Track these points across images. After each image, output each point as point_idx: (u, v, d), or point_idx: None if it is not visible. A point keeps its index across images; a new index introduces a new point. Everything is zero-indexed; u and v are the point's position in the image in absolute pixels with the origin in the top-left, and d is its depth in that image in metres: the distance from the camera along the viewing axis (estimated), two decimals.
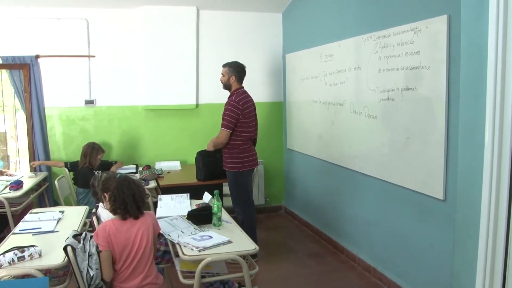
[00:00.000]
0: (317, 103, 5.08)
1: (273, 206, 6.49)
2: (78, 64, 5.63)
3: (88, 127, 5.80)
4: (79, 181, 4.95)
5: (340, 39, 4.50)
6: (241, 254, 2.82)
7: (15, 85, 5.45)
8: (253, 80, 6.06)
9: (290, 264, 4.60)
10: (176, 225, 3.27)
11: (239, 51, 6.00)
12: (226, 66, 4.64)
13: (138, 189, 2.77)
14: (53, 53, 5.51)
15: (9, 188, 4.54)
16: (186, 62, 5.87)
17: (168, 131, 6.06)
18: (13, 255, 2.63)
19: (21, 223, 3.43)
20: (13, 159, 6.18)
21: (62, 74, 5.60)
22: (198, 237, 3.00)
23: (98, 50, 5.67)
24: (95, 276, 2.65)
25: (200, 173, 4.88)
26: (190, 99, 5.98)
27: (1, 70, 5.57)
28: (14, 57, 5.35)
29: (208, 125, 5.92)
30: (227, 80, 4.60)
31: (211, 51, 5.99)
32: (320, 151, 5.14)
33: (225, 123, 4.42)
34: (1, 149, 6.22)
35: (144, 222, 2.76)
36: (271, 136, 6.32)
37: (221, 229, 3.26)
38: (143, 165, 5.57)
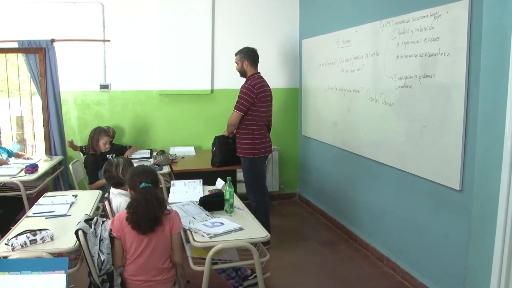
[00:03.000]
0: (333, 89, 5.01)
1: (287, 193, 6.46)
2: (93, 48, 5.62)
3: (102, 111, 5.81)
4: (86, 168, 4.98)
5: (357, 24, 4.41)
6: (252, 241, 2.79)
7: (31, 69, 5.47)
8: (269, 65, 6.01)
9: (302, 251, 4.57)
10: (187, 211, 3.25)
11: (255, 36, 5.93)
12: (237, 53, 4.63)
13: (158, 207, 2.69)
14: (69, 37, 5.51)
15: (24, 171, 4.57)
16: (201, 47, 5.83)
17: (183, 116, 6.04)
18: (25, 238, 2.64)
19: (35, 206, 3.45)
20: (30, 142, 6.24)
21: (77, 58, 5.60)
22: (209, 224, 2.98)
23: (113, 34, 5.66)
24: (106, 261, 2.65)
25: (215, 159, 4.85)
26: (205, 84, 5.95)
27: (17, 54, 5.59)
28: (30, 41, 5.37)
29: (223, 111, 5.85)
30: (241, 66, 4.58)
31: (226, 36, 5.93)
32: (335, 138, 5.07)
33: (238, 105, 4.41)
34: (18, 132, 6.28)
35: (159, 230, 2.72)
36: (286, 123, 6.26)
37: (233, 216, 3.23)
38: (157, 150, 5.58)
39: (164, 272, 2.76)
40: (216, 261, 2.92)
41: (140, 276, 2.72)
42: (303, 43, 5.92)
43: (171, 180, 4.42)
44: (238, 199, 3.61)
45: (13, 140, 6.13)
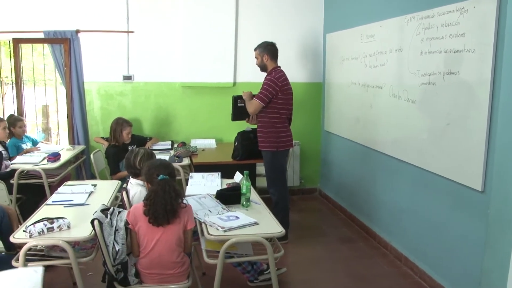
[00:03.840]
0: (356, 85, 4.94)
1: (307, 188, 6.42)
2: (117, 39, 5.68)
3: (125, 102, 5.86)
4: (108, 159, 5.04)
5: (382, 19, 4.33)
6: (266, 236, 2.78)
7: (56, 59, 5.56)
8: (292, 60, 5.99)
9: (321, 247, 4.54)
10: (204, 203, 3.26)
11: (278, 30, 5.90)
12: (256, 48, 4.62)
13: (176, 198, 2.71)
14: (93, 28, 5.57)
15: (47, 159, 4.66)
16: (224, 40, 5.82)
17: (205, 108, 6.05)
18: (42, 226, 2.69)
19: (54, 194, 3.51)
20: (54, 131, 6.35)
21: (101, 49, 5.66)
22: (224, 217, 2.98)
23: (137, 25, 5.70)
24: (121, 251, 2.68)
25: (236, 153, 4.85)
26: (228, 77, 5.94)
27: (43, 45, 5.68)
28: (55, 32, 5.45)
29: None
30: (261, 61, 4.57)
31: (250, 29, 5.91)
32: (357, 134, 5.01)
33: (261, 96, 4.40)
34: (43, 121, 6.40)
35: (175, 222, 2.74)
36: (308, 117, 6.21)
37: (249, 210, 3.22)
38: (178, 142, 5.60)
39: (177, 265, 2.77)
40: (232, 254, 2.92)
41: (154, 269, 2.73)
42: (327, 37, 5.85)
43: (190, 172, 4.43)
44: (255, 193, 3.59)
45: (38, 129, 6.24)
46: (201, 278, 3.65)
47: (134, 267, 2.77)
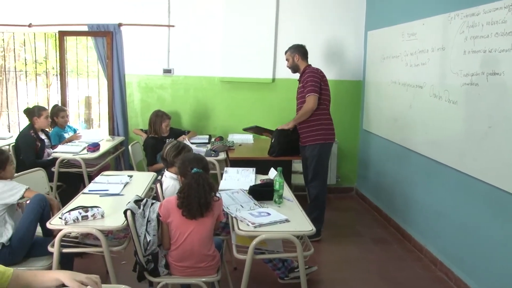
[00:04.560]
0: (396, 84, 4.84)
1: (344, 187, 6.35)
2: (158, 33, 5.78)
3: (165, 95, 5.95)
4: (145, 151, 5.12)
5: (424, 16, 4.21)
6: (297, 234, 2.75)
7: (98, 52, 5.71)
8: (331, 57, 5.93)
9: (354, 247, 4.49)
10: (236, 198, 3.26)
11: (318, 26, 5.87)
12: (287, 51, 4.73)
13: (209, 191, 2.73)
14: (135, 21, 5.69)
15: (86, 149, 4.79)
16: (264, 35, 5.82)
17: (243, 104, 6.07)
18: (77, 214, 2.76)
19: (91, 183, 3.60)
20: (96, 122, 6.52)
21: (142, 43, 5.78)
22: (256, 213, 2.97)
23: (178, 20, 5.78)
24: (152, 242, 2.72)
25: (273, 149, 4.83)
26: (267, 73, 5.94)
27: (87, 38, 5.84)
28: (99, 25, 5.60)
29: (283, 100, 5.84)
30: (293, 61, 4.64)
31: (290, 25, 5.88)
32: (395, 134, 4.91)
33: (311, 88, 4.40)
34: (85, 112, 6.58)
35: (209, 215, 2.76)
36: (346, 116, 6.13)
37: (281, 206, 3.20)
38: (216, 136, 5.63)
39: (208, 259, 2.79)
40: (263, 251, 2.92)
41: (184, 262, 2.76)
42: (368, 35, 5.75)
43: (225, 167, 4.45)
44: (289, 190, 3.57)
45: (80, 120, 6.42)
46: (232, 273, 3.67)
47: (165, 258, 2.81)
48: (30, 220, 2.99)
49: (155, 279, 2.77)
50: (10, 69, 6.93)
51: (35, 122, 4.87)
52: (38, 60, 6.70)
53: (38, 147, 4.79)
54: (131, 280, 2.70)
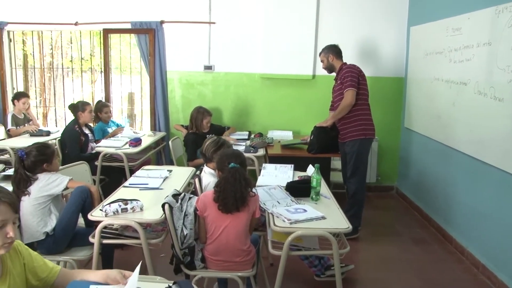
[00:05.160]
0: (439, 81, 4.71)
1: (384, 186, 6.25)
2: (199, 30, 5.86)
3: (205, 92, 6.02)
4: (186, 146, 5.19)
5: (470, 10, 4.08)
6: (332, 231, 2.73)
7: (141, 49, 5.84)
8: (372, 53, 5.85)
9: (393, 247, 4.41)
10: (273, 194, 3.27)
11: (359, 23, 5.80)
12: (320, 52, 4.73)
13: (246, 186, 2.75)
14: (177, 19, 5.78)
15: (128, 144, 4.91)
16: (305, 32, 5.79)
17: (283, 100, 6.06)
18: (117, 206, 2.84)
19: (132, 177, 3.69)
20: (138, 117, 6.66)
21: (183, 40, 5.87)
22: (292, 209, 2.97)
23: (219, 17, 5.83)
24: (189, 236, 2.76)
25: (312, 146, 4.81)
26: (307, 69, 5.91)
27: (130, 35, 5.97)
28: (141, 22, 5.72)
29: (324, 97, 5.75)
30: (327, 61, 4.65)
31: (330, 21, 5.83)
32: (438, 132, 4.79)
33: (349, 83, 4.39)
34: (128, 107, 6.74)
35: (244, 210, 2.78)
36: (387, 113, 6.02)
37: (318, 204, 3.18)
38: (255, 133, 5.65)
39: (243, 254, 2.81)
40: (299, 247, 2.92)
41: (220, 256, 2.79)
42: (411, 31, 5.62)
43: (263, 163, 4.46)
44: (326, 188, 3.55)
45: (123, 115, 6.58)
46: (268, 269, 3.68)
47: (201, 252, 2.84)
48: (72, 211, 3.09)
49: (191, 272, 2.81)
50: (58, 66, 7.17)
51: (79, 116, 5.02)
52: (84, 57, 6.91)
53: (82, 142, 4.95)
54: (168, 273, 2.74)
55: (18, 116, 5.79)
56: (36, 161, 3.11)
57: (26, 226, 3.04)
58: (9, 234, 1.66)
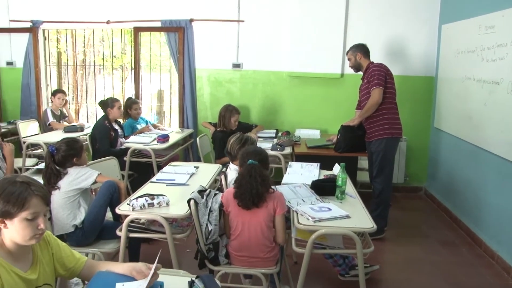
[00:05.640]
0: (471, 80, 4.61)
1: (412, 187, 6.15)
2: (228, 28, 5.90)
3: (233, 89, 6.06)
4: (214, 143, 5.23)
5: (504, 7, 3.96)
6: (357, 230, 2.71)
7: (171, 47, 5.91)
8: (402, 52, 5.77)
9: (419, 248, 4.34)
10: (298, 192, 3.26)
11: (389, 21, 5.73)
12: (348, 51, 4.72)
13: (262, 183, 2.75)
14: (206, 17, 5.84)
15: (156, 140, 4.98)
16: (333, 30, 5.76)
17: (311, 99, 6.05)
18: (144, 201, 2.89)
19: (159, 173, 3.74)
20: (167, 114, 6.75)
21: (212, 38, 5.92)
22: (316, 208, 2.96)
23: (248, 15, 5.86)
24: (213, 231, 2.79)
25: (339, 145, 4.78)
26: (335, 68, 5.87)
27: (160, 33, 6.06)
28: (171, 21, 5.81)
29: (352, 96, 5.67)
30: (355, 60, 4.63)
31: (359, 19, 5.77)
32: (469, 133, 4.69)
33: (376, 81, 4.36)
34: (157, 105, 6.83)
35: (263, 206, 2.78)
36: (417, 113, 5.92)
37: (343, 202, 3.16)
38: (283, 131, 5.65)
39: (266, 250, 2.81)
40: (324, 246, 2.91)
41: (243, 251, 2.81)
42: (443, 29, 5.51)
43: (289, 161, 4.46)
44: (352, 187, 3.52)
45: (153, 112, 6.68)
46: (292, 267, 3.67)
47: (225, 248, 2.86)
48: (100, 205, 3.17)
49: (215, 268, 2.84)
50: (90, 64, 7.32)
51: (109, 113, 5.13)
52: (115, 55, 7.03)
53: (112, 137, 5.05)
54: (193, 268, 2.78)
55: (55, 112, 5.98)
56: (66, 156, 3.19)
57: (56, 218, 3.12)
58: (40, 226, 1.73)
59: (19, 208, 1.68)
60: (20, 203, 1.68)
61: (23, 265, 1.78)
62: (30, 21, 6.33)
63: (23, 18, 6.35)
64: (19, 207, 1.68)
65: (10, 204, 1.67)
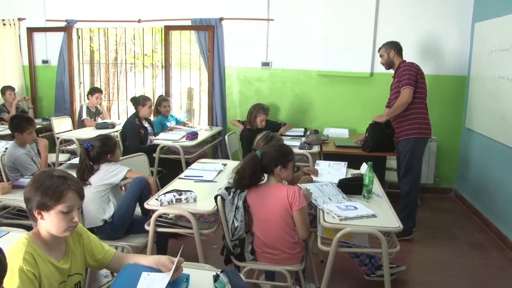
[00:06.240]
0: (504, 79, 4.51)
1: (442, 188, 6.06)
2: (257, 27, 5.94)
3: (262, 88, 6.09)
4: (241, 141, 5.26)
5: None
6: (383, 230, 2.70)
7: (201, 45, 5.99)
8: (433, 51, 5.70)
9: (448, 250, 4.27)
10: (325, 191, 3.26)
11: (420, 19, 5.65)
12: (381, 47, 4.66)
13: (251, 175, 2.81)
14: (235, 16, 5.89)
15: (185, 138, 5.05)
16: (363, 29, 5.71)
17: (340, 98, 6.02)
18: (172, 196, 2.95)
19: (187, 169, 3.80)
20: (197, 112, 6.83)
21: (242, 36, 5.96)
22: (343, 206, 2.95)
23: (277, 13, 5.88)
24: (239, 228, 2.82)
25: (367, 144, 4.75)
26: (365, 67, 5.82)
27: (190, 31, 6.14)
28: (201, 19, 5.89)
29: (381, 95, 5.61)
30: (388, 57, 4.57)
31: (390, 17, 5.71)
32: (501, 134, 4.59)
33: (406, 81, 4.31)
34: (187, 102, 6.92)
35: (277, 196, 2.78)
36: (448, 113, 5.82)
37: (369, 202, 3.14)
38: (311, 130, 5.64)
39: (288, 247, 2.83)
40: (350, 245, 2.91)
41: (267, 248, 2.83)
42: (476, 27, 5.40)
43: (317, 160, 4.45)
44: (379, 186, 3.50)
45: (182, 110, 6.77)
46: (318, 265, 3.66)
47: (251, 244, 2.89)
48: (129, 200, 3.24)
49: (241, 264, 2.88)
50: (121, 62, 7.46)
51: (139, 110, 5.23)
52: (146, 53, 7.16)
53: (142, 134, 5.15)
54: (219, 264, 2.80)
55: (91, 109, 6.14)
56: (101, 152, 3.28)
57: (87, 212, 3.21)
58: (74, 219, 1.81)
59: (56, 201, 1.75)
60: (57, 196, 1.75)
61: (57, 255, 1.85)
62: (64, 20, 6.51)
63: (58, 17, 6.54)
64: (56, 200, 1.75)
65: (48, 196, 1.74)
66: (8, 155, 3.81)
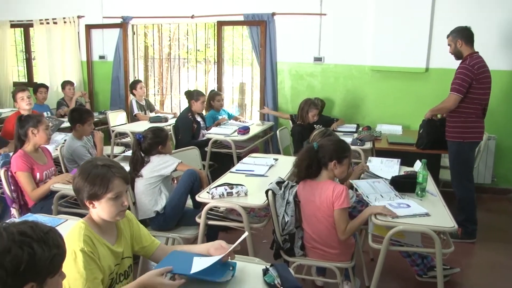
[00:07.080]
0: None
1: (501, 188, 5.81)
2: (310, 22, 5.90)
3: (314, 83, 6.06)
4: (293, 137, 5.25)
5: None
6: (436, 229, 2.62)
7: (253, 40, 6.02)
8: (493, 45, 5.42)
9: (505, 253, 4.10)
10: (376, 188, 3.20)
11: (479, 11, 5.36)
12: (449, 35, 4.27)
13: (307, 166, 2.81)
14: (288, 11, 5.88)
15: (237, 132, 5.10)
16: (418, 23, 5.54)
17: (394, 94, 5.90)
18: (223, 190, 2.98)
19: (239, 163, 3.85)
20: (249, 107, 6.88)
21: (294, 31, 5.95)
22: (395, 204, 2.89)
23: (330, 8, 5.83)
24: (289, 223, 2.83)
25: (421, 141, 4.64)
26: (420, 62, 5.66)
27: (242, 27, 6.18)
28: (254, 15, 5.91)
29: (437, 92, 5.46)
30: (455, 47, 4.20)
31: (447, 10, 5.48)
32: None
33: (456, 86, 4.05)
34: (239, 97, 6.98)
35: (324, 192, 2.75)
36: (508, 110, 5.56)
37: (423, 200, 3.06)
38: (363, 125, 5.56)
39: (337, 244, 2.81)
40: (402, 243, 2.85)
41: (316, 243, 2.83)
42: None
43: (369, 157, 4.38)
44: (433, 184, 3.40)
45: (234, 104, 6.84)
46: (368, 264, 3.61)
47: (301, 240, 2.89)
48: (181, 192, 3.30)
49: (290, 259, 2.88)
50: (175, 57, 7.61)
51: (192, 104, 5.33)
52: (199, 48, 7.27)
53: (194, 129, 5.24)
54: (269, 258, 2.81)
55: (140, 103, 6.29)
56: (152, 143, 3.36)
57: (140, 204, 3.30)
58: (124, 203, 1.89)
59: (104, 190, 1.82)
60: (105, 185, 1.82)
61: (111, 238, 1.93)
62: (120, 17, 6.72)
63: (115, 14, 6.75)
64: (104, 189, 1.82)
65: (96, 186, 1.82)
66: (67, 147, 3.97)
